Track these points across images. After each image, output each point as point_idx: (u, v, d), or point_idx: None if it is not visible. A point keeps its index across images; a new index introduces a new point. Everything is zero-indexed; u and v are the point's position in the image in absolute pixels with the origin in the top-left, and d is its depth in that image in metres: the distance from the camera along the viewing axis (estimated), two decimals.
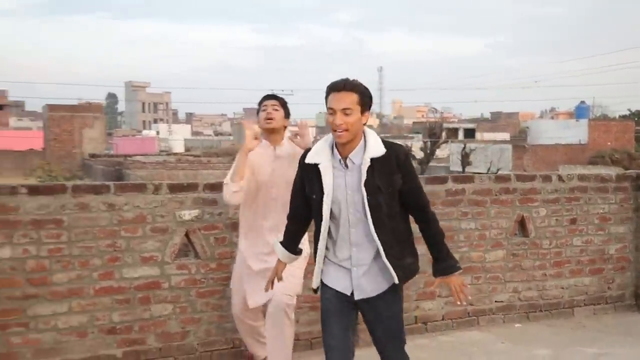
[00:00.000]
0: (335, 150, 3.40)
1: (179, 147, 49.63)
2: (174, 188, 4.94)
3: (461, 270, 3.54)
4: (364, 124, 3.38)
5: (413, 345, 4.58)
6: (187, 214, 4.95)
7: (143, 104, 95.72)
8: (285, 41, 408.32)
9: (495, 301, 5.97)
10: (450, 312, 5.78)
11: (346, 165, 3.36)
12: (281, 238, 3.72)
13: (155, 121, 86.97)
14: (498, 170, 24.61)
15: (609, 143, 34.79)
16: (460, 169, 27.01)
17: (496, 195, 5.92)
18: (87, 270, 4.64)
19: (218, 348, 4.99)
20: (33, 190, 4.58)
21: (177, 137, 56.01)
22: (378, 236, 3.32)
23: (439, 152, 31.07)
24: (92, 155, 40.08)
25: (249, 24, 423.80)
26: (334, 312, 3.46)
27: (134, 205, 4.80)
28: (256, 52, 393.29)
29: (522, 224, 6.05)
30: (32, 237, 4.53)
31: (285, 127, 4.54)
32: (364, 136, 3.40)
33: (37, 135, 48.21)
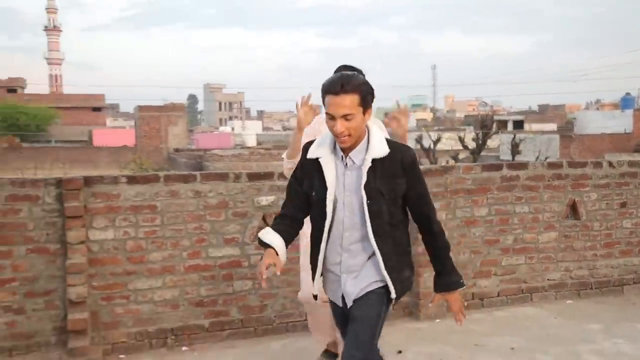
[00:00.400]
0: (338, 146, 2.85)
1: (251, 142, 50.04)
2: (252, 177, 5.00)
3: (465, 287, 3.04)
4: (368, 120, 2.85)
5: (470, 320, 4.51)
6: (264, 200, 5.00)
7: (220, 103, 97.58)
8: (345, 44, 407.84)
9: (548, 279, 5.81)
10: (505, 289, 5.66)
11: (346, 164, 2.84)
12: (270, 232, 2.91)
13: (230, 118, 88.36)
14: (546, 158, 23.88)
15: None
16: (510, 158, 26.31)
17: (549, 180, 5.76)
18: (177, 250, 4.76)
19: (292, 320, 5.04)
20: (131, 180, 4.73)
21: (250, 133, 56.48)
22: (378, 246, 2.78)
23: (490, 143, 30.25)
24: (176, 150, 40.95)
25: (313, 29, 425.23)
26: (341, 321, 3.04)
27: (217, 192, 4.88)
28: (318, 54, 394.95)
29: (573, 208, 5.87)
30: (131, 221, 4.68)
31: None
32: (368, 133, 2.85)
33: (130, 133, 49.58)
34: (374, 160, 2.78)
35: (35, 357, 4.38)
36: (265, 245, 2.82)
